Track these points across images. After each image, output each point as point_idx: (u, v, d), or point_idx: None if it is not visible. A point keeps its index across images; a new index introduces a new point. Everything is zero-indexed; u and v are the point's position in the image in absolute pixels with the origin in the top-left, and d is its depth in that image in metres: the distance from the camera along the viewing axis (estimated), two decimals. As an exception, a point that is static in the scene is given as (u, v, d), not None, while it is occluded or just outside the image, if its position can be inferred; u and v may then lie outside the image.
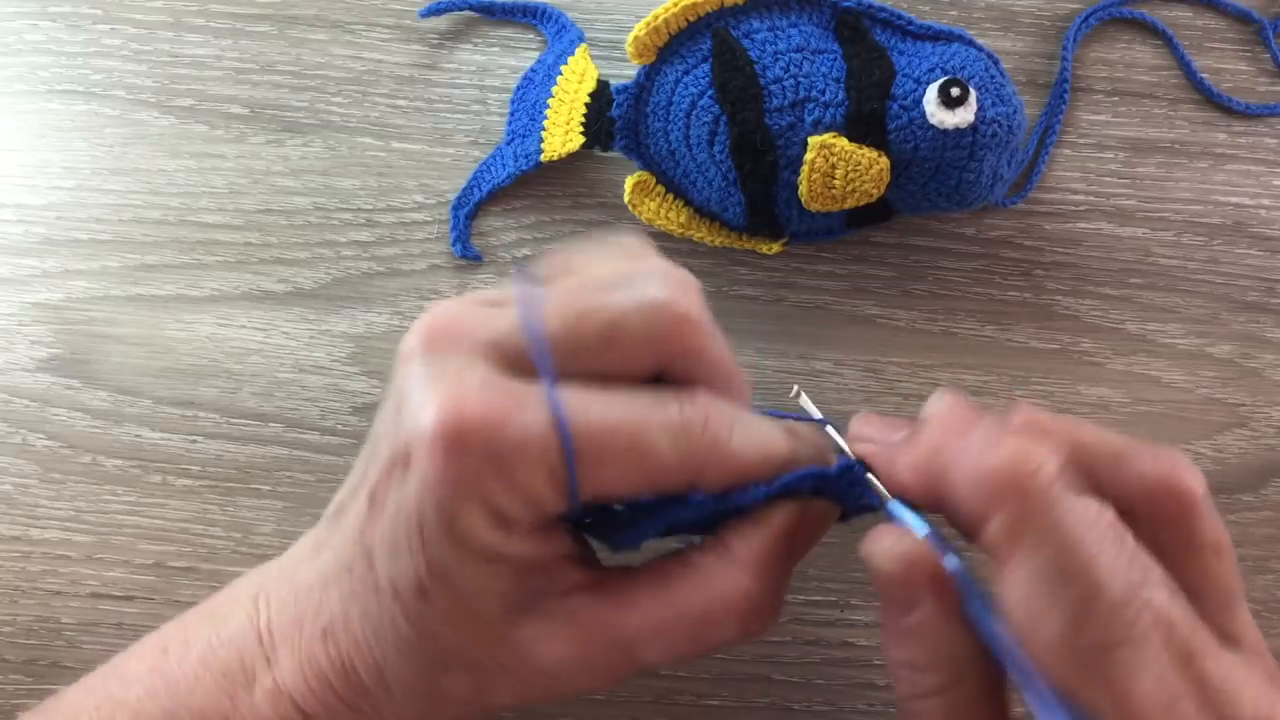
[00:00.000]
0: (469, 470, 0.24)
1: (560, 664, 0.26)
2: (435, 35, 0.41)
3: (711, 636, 0.27)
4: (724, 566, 0.27)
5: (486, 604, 0.26)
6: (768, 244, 0.38)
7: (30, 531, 0.38)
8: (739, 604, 0.27)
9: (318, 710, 0.27)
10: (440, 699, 0.27)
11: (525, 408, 0.24)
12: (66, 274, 0.39)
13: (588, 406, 0.25)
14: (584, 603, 0.27)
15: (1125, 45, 0.41)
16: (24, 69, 0.40)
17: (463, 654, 0.26)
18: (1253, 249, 0.40)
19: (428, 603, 0.25)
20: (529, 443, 0.24)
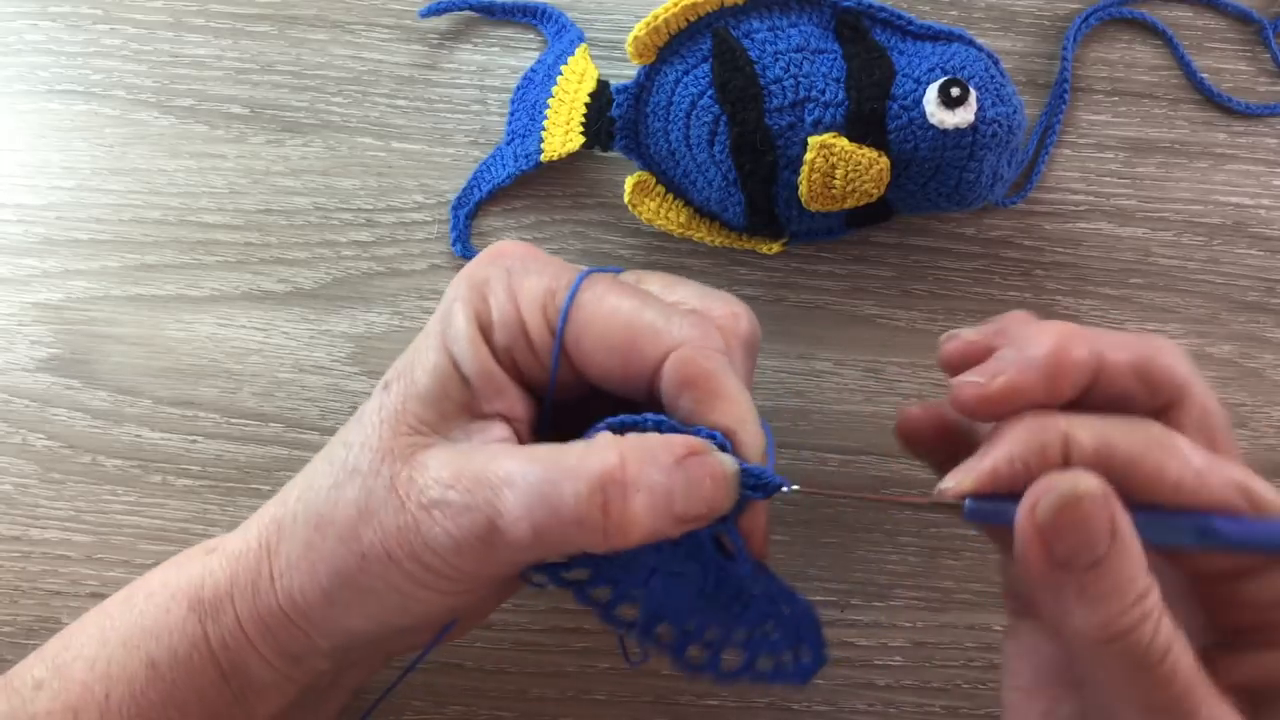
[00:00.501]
0: (486, 271, 0.28)
1: (434, 483, 0.26)
2: (435, 35, 0.41)
3: (566, 493, 0.25)
4: (611, 439, 0.26)
5: (426, 413, 0.27)
6: (768, 244, 0.38)
7: (30, 531, 0.38)
8: (607, 465, 0.25)
9: (235, 553, 0.28)
10: (328, 519, 0.27)
11: (562, 263, 0.28)
12: (66, 274, 0.39)
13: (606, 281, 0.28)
14: (488, 445, 0.27)
15: (1125, 45, 0.41)
16: (24, 69, 0.40)
17: (374, 458, 0.27)
18: (1253, 249, 0.40)
19: (386, 394, 0.27)
20: (547, 269, 0.28)
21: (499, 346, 0.27)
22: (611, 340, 0.27)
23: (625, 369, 0.27)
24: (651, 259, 0.39)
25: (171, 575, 0.29)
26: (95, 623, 0.29)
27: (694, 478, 0.26)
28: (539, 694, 0.37)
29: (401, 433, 0.27)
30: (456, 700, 0.37)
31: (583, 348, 0.27)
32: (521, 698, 0.37)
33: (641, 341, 0.27)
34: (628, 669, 0.37)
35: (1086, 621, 0.24)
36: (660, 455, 0.25)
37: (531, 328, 0.27)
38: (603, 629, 0.37)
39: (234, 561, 0.28)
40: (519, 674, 0.37)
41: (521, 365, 0.28)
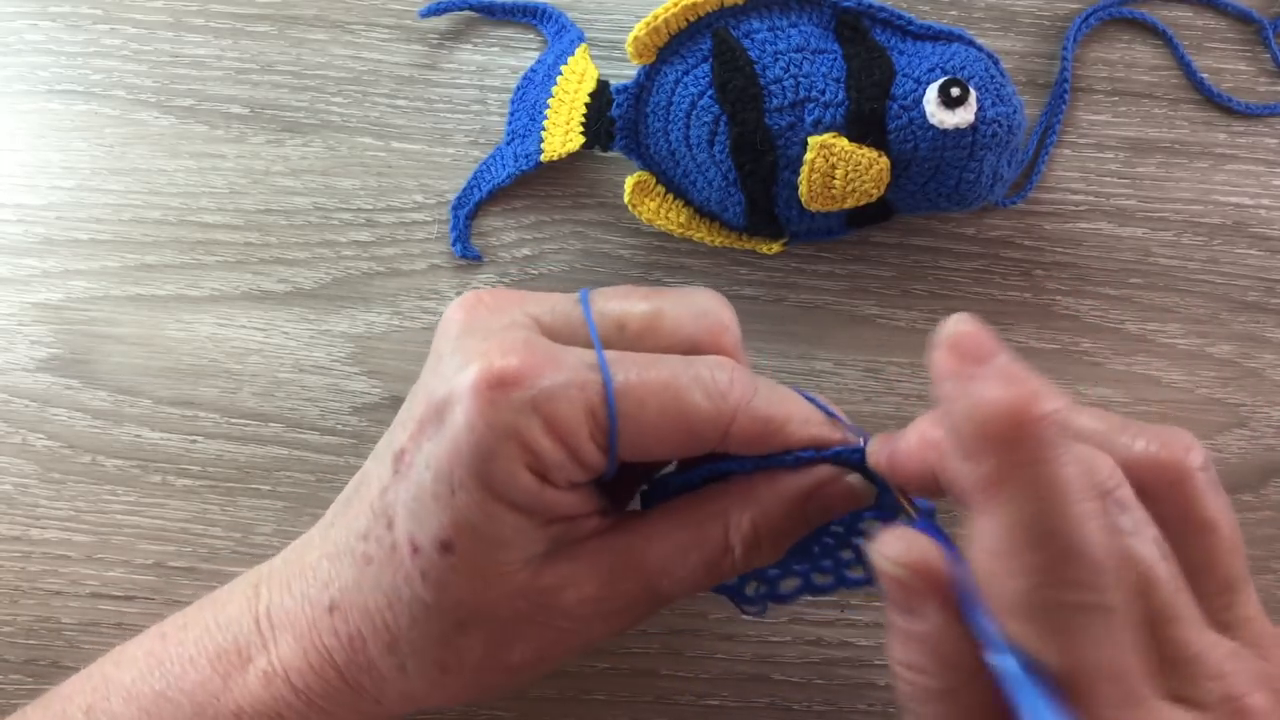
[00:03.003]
0: (511, 412, 0.24)
1: (584, 604, 0.27)
2: (435, 35, 0.41)
3: (725, 563, 0.28)
4: (743, 496, 0.28)
5: (511, 555, 0.26)
6: (768, 244, 0.38)
7: (30, 531, 0.38)
8: (748, 531, 0.27)
9: (315, 688, 0.27)
10: (455, 665, 0.27)
11: (568, 358, 0.25)
12: (66, 274, 0.39)
13: (626, 362, 0.26)
14: (607, 540, 0.27)
15: (1125, 45, 0.41)
16: (24, 69, 0.40)
17: (482, 610, 0.26)
18: (1253, 249, 0.40)
19: (449, 557, 0.25)
20: (571, 387, 0.25)
21: (557, 480, 0.26)
22: (667, 438, 0.27)
23: (687, 452, 0.28)
24: (651, 259, 0.39)
25: (219, 687, 0.27)
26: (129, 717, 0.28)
27: (826, 507, 0.28)
28: (539, 694, 0.37)
29: (497, 582, 0.26)
30: (456, 700, 0.37)
31: (639, 450, 0.27)
32: (521, 698, 0.37)
33: (698, 429, 0.27)
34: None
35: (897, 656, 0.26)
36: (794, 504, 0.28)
37: (586, 458, 0.26)
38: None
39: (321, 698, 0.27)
40: (519, 674, 0.37)
41: (579, 481, 0.27)
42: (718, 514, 0.28)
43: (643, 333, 0.28)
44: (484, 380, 0.24)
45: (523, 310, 0.27)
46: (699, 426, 0.26)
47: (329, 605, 0.27)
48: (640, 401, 0.26)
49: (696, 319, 0.28)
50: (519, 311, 0.27)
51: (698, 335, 0.28)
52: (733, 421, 0.26)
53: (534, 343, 0.25)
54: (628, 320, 0.28)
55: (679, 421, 0.26)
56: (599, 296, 0.28)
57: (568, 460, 0.25)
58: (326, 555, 0.27)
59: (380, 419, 0.38)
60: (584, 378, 0.25)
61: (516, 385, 0.24)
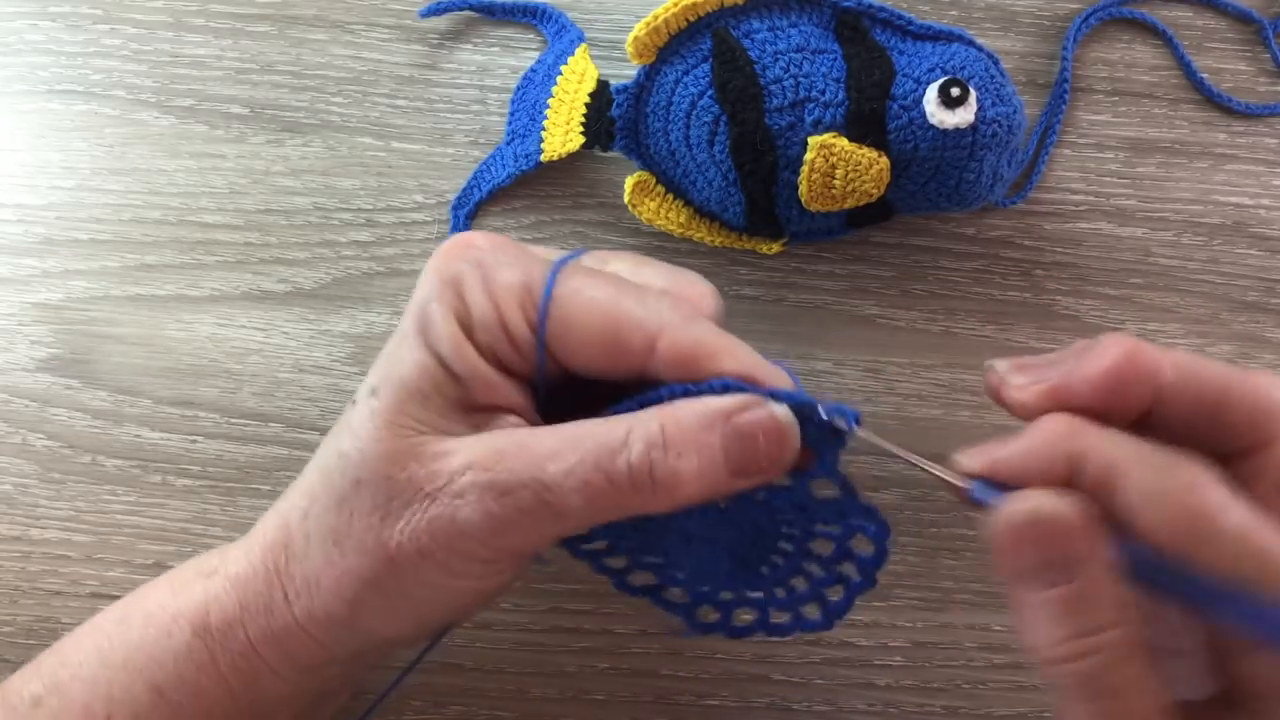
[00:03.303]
0: (458, 263, 0.27)
1: (467, 469, 0.26)
2: (435, 35, 0.41)
3: (618, 459, 0.25)
4: (656, 408, 0.27)
5: (423, 412, 0.27)
6: (768, 244, 0.38)
7: (30, 531, 0.38)
8: (655, 430, 0.26)
9: (243, 575, 0.28)
10: (344, 531, 0.27)
11: (531, 248, 0.28)
12: (66, 274, 0.39)
13: (579, 268, 0.28)
14: (511, 430, 0.27)
15: (1125, 45, 0.41)
16: (24, 69, 0.40)
17: (379, 465, 0.26)
18: (1253, 249, 0.40)
19: (373, 400, 0.27)
20: (520, 261, 0.27)
21: (482, 344, 0.27)
22: (594, 334, 0.27)
23: (611, 360, 0.27)
24: (651, 259, 0.39)
25: (169, 598, 0.29)
26: (92, 641, 0.29)
27: (745, 434, 0.26)
28: (539, 694, 0.37)
29: (403, 434, 0.26)
30: (456, 700, 0.37)
31: (566, 343, 0.27)
32: (521, 698, 0.37)
33: (624, 332, 0.27)
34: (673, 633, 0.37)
35: (1035, 638, 0.24)
36: (706, 415, 0.26)
37: (512, 327, 0.27)
38: (603, 629, 0.37)
39: (240, 586, 0.28)
40: (519, 674, 0.37)
41: (506, 362, 0.27)
42: (626, 416, 0.26)
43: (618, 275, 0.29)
44: (450, 242, 0.28)
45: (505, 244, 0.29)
46: (627, 330, 0.26)
47: (286, 495, 0.29)
48: (576, 290, 0.27)
49: (674, 280, 0.29)
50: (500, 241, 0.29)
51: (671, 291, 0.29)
52: (661, 333, 0.26)
53: (503, 236, 0.29)
54: (607, 264, 0.29)
55: (608, 320, 0.27)
56: (588, 256, 0.30)
57: (495, 321, 0.27)
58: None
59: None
60: (533, 261, 0.28)
61: (472, 247, 0.28)
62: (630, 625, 0.37)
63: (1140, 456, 0.24)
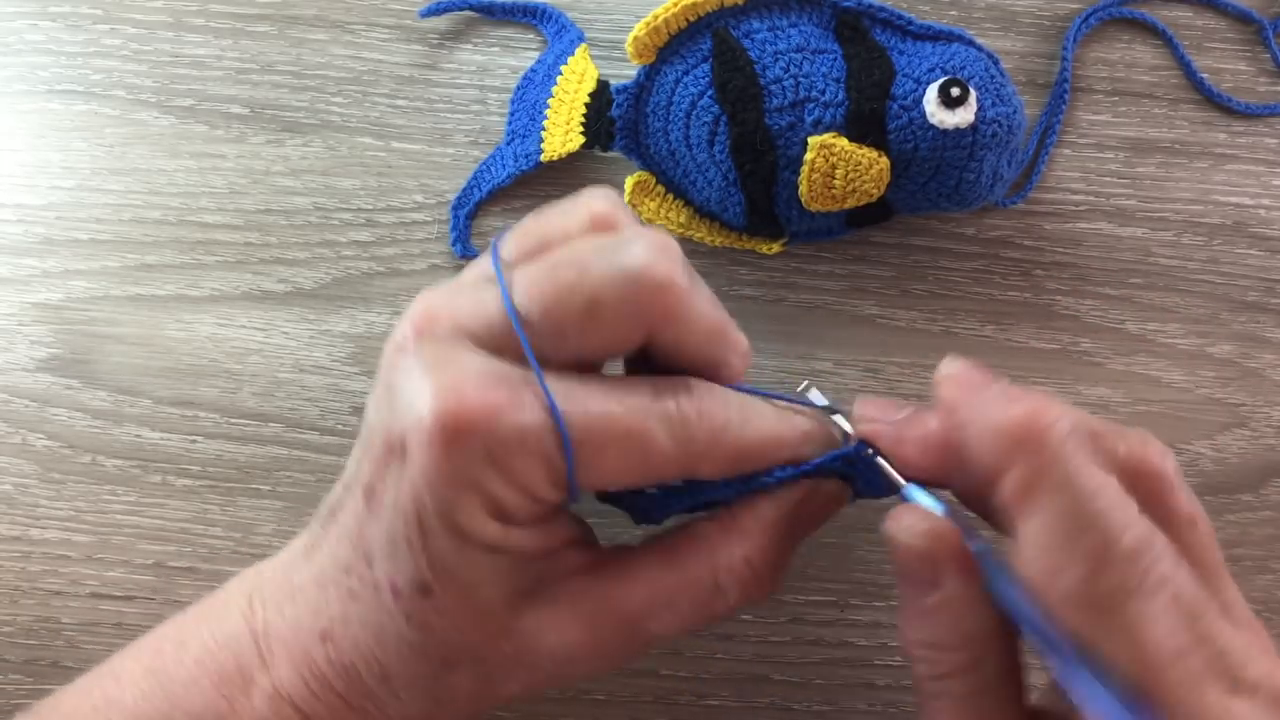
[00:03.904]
0: (466, 463, 0.24)
1: (568, 647, 0.26)
2: (435, 35, 0.41)
3: (716, 604, 0.27)
4: (728, 534, 0.27)
5: (489, 595, 0.26)
6: (768, 244, 0.38)
7: (30, 531, 0.38)
8: (741, 569, 0.27)
9: (319, 711, 0.27)
10: (447, 698, 0.27)
11: (521, 399, 0.24)
12: (66, 274, 0.39)
13: (584, 399, 0.25)
14: (589, 583, 0.27)
15: (1125, 45, 0.41)
16: (24, 69, 0.40)
17: (468, 649, 0.26)
18: (1253, 249, 0.40)
19: (430, 599, 0.25)
20: (526, 435, 0.24)
21: (520, 520, 0.26)
22: (632, 480, 0.27)
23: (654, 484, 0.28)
24: (651, 259, 0.39)
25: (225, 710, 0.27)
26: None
27: (811, 522, 0.29)
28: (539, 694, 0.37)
29: (480, 621, 0.26)
30: (456, 700, 0.37)
31: (599, 485, 0.27)
32: (521, 697, 0.37)
33: (664, 474, 0.26)
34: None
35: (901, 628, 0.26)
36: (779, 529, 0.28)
37: (546, 499, 0.25)
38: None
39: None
40: (519, 674, 0.37)
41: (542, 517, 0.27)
42: (703, 554, 0.27)
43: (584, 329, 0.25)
44: (440, 424, 0.24)
45: (477, 322, 0.25)
46: (663, 467, 0.26)
47: (321, 634, 0.27)
48: (599, 448, 0.25)
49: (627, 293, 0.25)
50: (472, 324, 0.25)
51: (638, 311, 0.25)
52: (701, 460, 0.26)
53: (487, 373, 0.24)
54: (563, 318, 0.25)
55: (641, 464, 0.26)
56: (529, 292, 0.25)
57: (527, 504, 0.25)
58: (314, 581, 0.27)
59: (380, 419, 0.38)
60: (539, 422, 0.24)
61: (470, 435, 0.24)
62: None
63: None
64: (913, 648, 0.26)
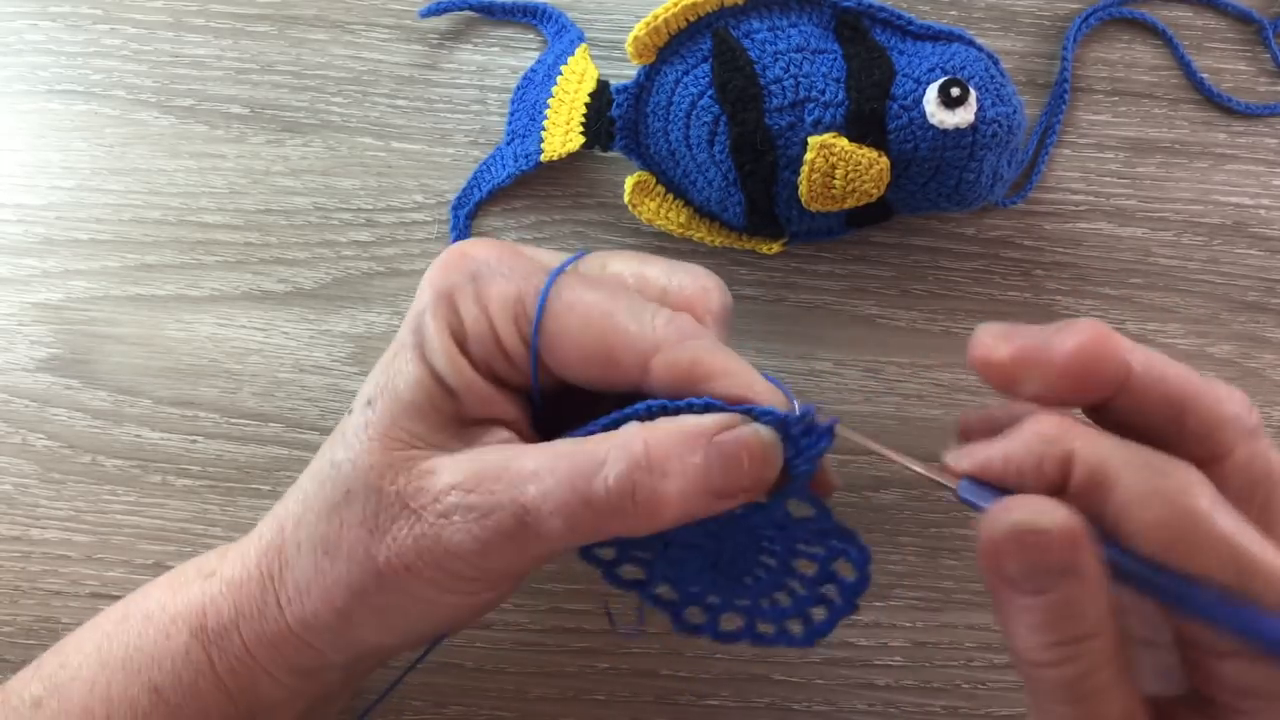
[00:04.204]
0: (453, 275, 0.27)
1: (450, 491, 0.26)
2: (435, 35, 0.41)
3: (595, 481, 0.25)
4: (638, 426, 0.26)
5: (416, 425, 0.27)
6: (768, 244, 0.38)
7: (30, 531, 0.38)
8: (636, 450, 0.25)
9: (238, 577, 0.28)
10: (334, 542, 0.27)
11: (526, 255, 0.28)
12: (66, 274, 0.39)
13: (575, 277, 0.28)
14: (497, 446, 0.27)
15: (1125, 45, 0.41)
16: (24, 69, 0.40)
17: (370, 478, 0.26)
18: (1253, 249, 0.40)
19: (369, 411, 0.27)
20: (514, 273, 0.27)
21: (476, 357, 0.27)
22: (588, 350, 0.27)
23: (605, 375, 0.27)
24: (651, 259, 0.39)
25: (168, 598, 0.29)
26: (92, 641, 0.29)
27: (729, 454, 0.25)
28: (539, 694, 0.37)
29: (395, 448, 0.27)
30: (456, 700, 0.37)
31: (559, 358, 0.27)
32: (521, 698, 0.37)
33: (617, 350, 0.26)
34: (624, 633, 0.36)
35: (1017, 639, 0.24)
36: (690, 435, 0.25)
37: (505, 340, 0.27)
38: (603, 629, 0.37)
39: (235, 589, 0.28)
40: (519, 674, 0.37)
41: (500, 374, 0.27)
42: (607, 435, 0.26)
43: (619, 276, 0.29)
44: (447, 253, 0.28)
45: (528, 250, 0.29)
46: (618, 345, 0.26)
47: (283, 500, 0.29)
48: (569, 304, 0.27)
49: (675, 278, 0.29)
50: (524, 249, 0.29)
51: (671, 289, 0.28)
52: (655, 352, 0.26)
53: (503, 242, 0.29)
54: (609, 264, 0.29)
55: (600, 334, 0.26)
56: (597, 253, 0.30)
57: (488, 334, 0.27)
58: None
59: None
60: (530, 270, 0.27)
61: (467, 258, 0.28)
62: (630, 626, 0.37)
63: (1130, 458, 0.24)
64: (1039, 654, 0.23)
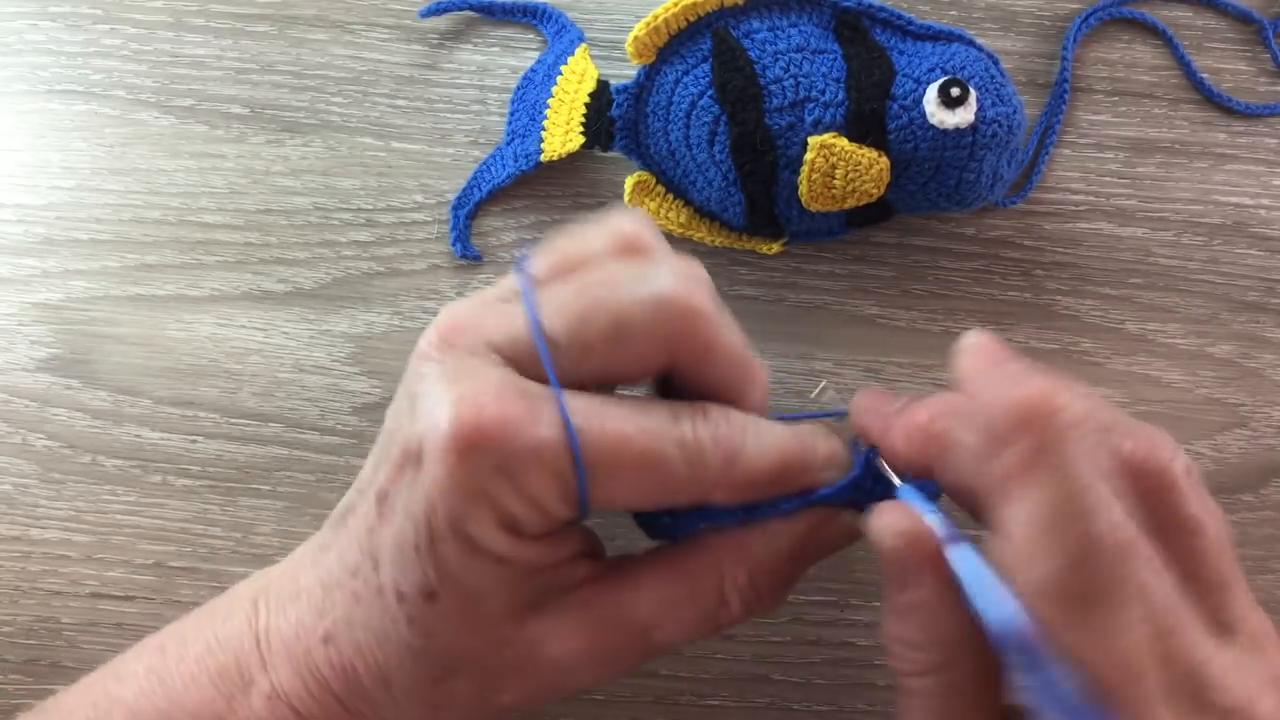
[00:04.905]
0: (480, 475, 0.24)
1: (572, 655, 0.26)
2: (435, 35, 0.41)
3: (720, 617, 0.27)
4: (736, 551, 0.27)
5: (494, 604, 0.26)
6: (768, 244, 0.38)
7: (30, 531, 0.38)
8: (746, 586, 0.27)
9: (315, 713, 0.27)
10: (445, 702, 0.27)
11: (539, 415, 0.24)
12: (66, 274, 0.39)
13: (602, 419, 0.25)
14: (594, 592, 0.27)
15: (1125, 45, 0.41)
16: (24, 69, 0.40)
17: (469, 657, 0.26)
18: (1253, 249, 0.40)
19: (434, 606, 0.25)
20: (541, 451, 0.24)
21: (531, 533, 0.26)
22: (645, 502, 0.27)
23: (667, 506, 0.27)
24: (651, 259, 0.39)
25: (224, 709, 0.27)
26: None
27: (822, 549, 0.29)
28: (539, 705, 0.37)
29: (483, 630, 0.26)
30: (456, 700, 0.37)
31: (617, 504, 0.26)
32: (520, 707, 0.37)
33: (677, 497, 0.26)
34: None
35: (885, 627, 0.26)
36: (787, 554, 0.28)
37: (557, 514, 0.25)
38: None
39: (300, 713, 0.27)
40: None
41: (553, 531, 0.26)
42: (710, 566, 0.27)
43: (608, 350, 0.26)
44: (456, 434, 0.24)
45: (500, 335, 0.26)
46: (676, 491, 0.26)
47: (323, 636, 0.27)
48: (612, 468, 0.25)
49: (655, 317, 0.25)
50: (496, 337, 0.26)
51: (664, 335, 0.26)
52: (714, 488, 0.26)
53: (507, 388, 0.25)
54: (588, 338, 0.25)
55: (654, 487, 0.26)
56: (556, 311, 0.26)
57: (538, 518, 0.25)
58: (320, 582, 0.27)
59: (380, 419, 0.37)
60: (554, 438, 0.24)
61: (485, 447, 0.24)
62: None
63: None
64: (890, 642, 0.26)
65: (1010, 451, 0.23)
